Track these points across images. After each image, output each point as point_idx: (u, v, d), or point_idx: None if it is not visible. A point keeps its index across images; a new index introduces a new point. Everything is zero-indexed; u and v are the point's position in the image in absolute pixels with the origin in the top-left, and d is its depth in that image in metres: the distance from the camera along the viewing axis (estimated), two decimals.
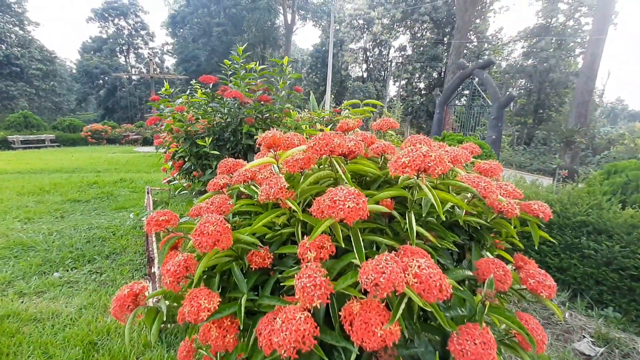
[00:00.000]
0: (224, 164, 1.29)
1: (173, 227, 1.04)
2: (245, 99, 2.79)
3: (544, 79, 29.19)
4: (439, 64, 30.30)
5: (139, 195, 4.91)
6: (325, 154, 0.86)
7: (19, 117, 16.48)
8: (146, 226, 1.03)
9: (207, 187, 1.18)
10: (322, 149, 0.85)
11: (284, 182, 0.88)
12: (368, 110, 1.88)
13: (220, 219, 0.84)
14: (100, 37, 34.37)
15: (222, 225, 0.82)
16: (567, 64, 28.76)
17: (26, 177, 5.99)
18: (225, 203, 0.99)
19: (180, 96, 3.09)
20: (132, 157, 9.90)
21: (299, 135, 1.07)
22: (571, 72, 29.06)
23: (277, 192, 0.84)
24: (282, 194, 0.85)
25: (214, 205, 0.98)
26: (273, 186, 0.86)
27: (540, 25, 30.56)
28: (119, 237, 3.22)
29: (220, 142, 2.99)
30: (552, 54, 28.38)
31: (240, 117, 2.87)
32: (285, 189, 0.86)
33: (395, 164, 0.77)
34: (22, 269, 2.51)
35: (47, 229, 3.35)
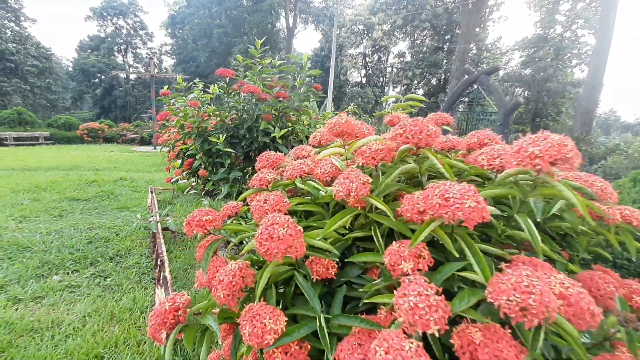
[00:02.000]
0: (266, 157, 1.13)
1: (216, 229, 0.88)
2: (263, 95, 2.64)
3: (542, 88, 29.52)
4: (438, 70, 30.47)
5: (141, 195, 4.71)
6: (415, 144, 0.71)
7: (13, 114, 16.12)
8: (186, 226, 0.87)
9: (250, 183, 1.02)
10: (414, 137, 0.70)
11: (366, 176, 0.72)
12: (411, 106, 1.75)
13: (289, 220, 0.68)
14: (98, 36, 34.09)
15: (294, 228, 0.66)
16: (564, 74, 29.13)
17: (20, 174, 5.75)
18: (281, 201, 0.83)
19: (193, 90, 2.92)
20: (131, 156, 9.66)
21: (365, 124, 0.92)
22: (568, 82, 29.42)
23: (360, 188, 0.69)
24: (365, 190, 0.69)
25: (269, 203, 0.82)
26: (354, 180, 0.70)
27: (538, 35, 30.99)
28: (123, 238, 3.02)
29: (234, 140, 2.83)
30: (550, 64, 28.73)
31: (256, 113, 2.71)
32: (369, 184, 0.71)
33: (519, 154, 0.62)
34: (17, 272, 2.31)
35: (45, 229, 3.14)
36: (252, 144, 2.77)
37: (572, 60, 29.35)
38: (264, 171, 1.01)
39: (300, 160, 0.94)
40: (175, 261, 2.66)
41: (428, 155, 0.72)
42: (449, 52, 31.53)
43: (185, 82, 3.21)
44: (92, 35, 34.11)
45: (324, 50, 30.34)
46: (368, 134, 0.87)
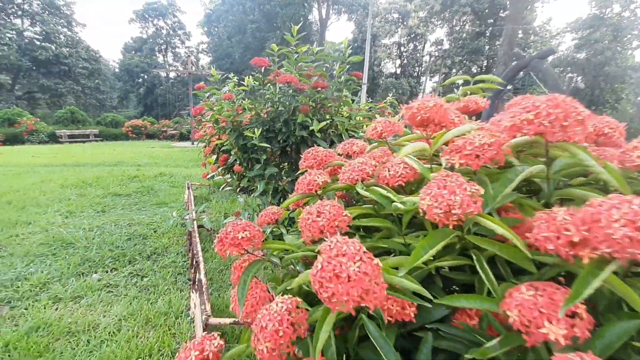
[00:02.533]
0: (313, 154, 0.92)
1: (256, 247, 0.69)
2: (301, 85, 2.44)
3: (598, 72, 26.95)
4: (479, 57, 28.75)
5: (179, 190, 4.74)
6: (551, 136, 0.47)
7: (66, 113, 17.35)
8: (217, 245, 0.69)
9: (295, 187, 0.82)
10: (555, 125, 0.45)
11: (474, 185, 0.48)
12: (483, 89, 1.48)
13: (361, 249, 0.47)
14: (140, 38, 35.87)
15: (370, 262, 0.45)
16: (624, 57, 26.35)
17: (70, 170, 6.05)
18: (340, 215, 0.62)
19: (228, 83, 2.79)
20: (170, 152, 9.97)
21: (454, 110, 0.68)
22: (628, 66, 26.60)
23: (468, 203, 0.46)
24: (476, 207, 0.46)
25: (325, 217, 0.61)
26: (458, 191, 0.47)
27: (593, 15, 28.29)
28: (160, 235, 2.99)
29: (270, 134, 2.67)
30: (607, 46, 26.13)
31: (293, 105, 2.52)
32: (480, 198, 0.47)
33: None
34: (59, 269, 2.31)
35: (88, 224, 3.19)
36: (288, 139, 2.59)
37: (632, 42, 26.51)
38: (313, 172, 0.80)
39: (361, 159, 0.73)
40: (210, 261, 2.57)
41: (576, 151, 0.47)
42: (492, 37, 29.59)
43: (218, 81, 3.10)
44: (135, 37, 35.97)
45: (357, 42, 29.65)
46: (459, 122, 0.63)
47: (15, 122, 15.10)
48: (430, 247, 0.49)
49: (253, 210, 2.97)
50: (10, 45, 22.14)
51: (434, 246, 0.49)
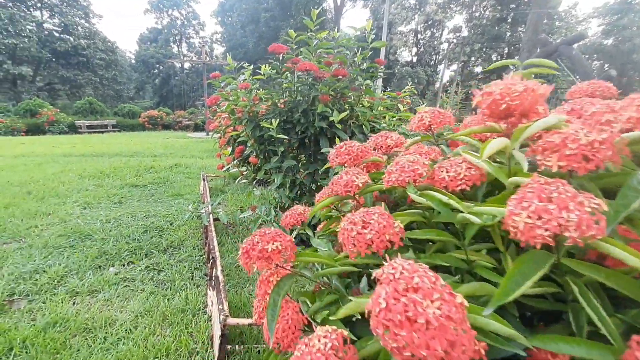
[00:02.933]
0: (347, 149, 0.80)
1: (289, 260, 0.59)
2: (321, 73, 2.31)
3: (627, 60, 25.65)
4: (500, 44, 27.70)
5: (194, 182, 4.71)
6: None
7: (85, 104, 17.67)
8: (242, 257, 0.58)
9: (331, 189, 0.71)
10: None
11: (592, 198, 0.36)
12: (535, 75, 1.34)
13: (437, 281, 0.35)
14: (155, 28, 36.09)
15: (453, 301, 0.33)
16: None
17: (88, 160, 6.12)
18: (390, 226, 0.51)
19: (243, 72, 2.68)
20: (185, 142, 10.01)
21: None
22: None
23: (588, 224, 0.33)
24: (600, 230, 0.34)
25: (372, 229, 0.50)
26: (571, 205, 0.35)
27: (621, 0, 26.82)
28: (176, 228, 2.95)
29: (288, 125, 2.56)
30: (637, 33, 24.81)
31: (312, 94, 2.40)
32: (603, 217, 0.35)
33: None
34: (76, 262, 2.30)
35: (105, 216, 3.18)
36: (307, 130, 2.47)
37: None
38: (351, 172, 0.69)
39: (410, 157, 0.61)
40: (227, 255, 2.51)
41: None
42: (514, 23, 28.42)
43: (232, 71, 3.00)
44: (150, 27, 36.21)
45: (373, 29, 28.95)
46: (543, 113, 0.50)
47: (36, 113, 15.48)
48: (523, 277, 0.37)
49: (270, 204, 2.89)
50: (30, 37, 22.59)
51: (530, 277, 0.37)
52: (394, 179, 0.58)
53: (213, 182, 4.59)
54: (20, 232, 2.76)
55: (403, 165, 0.59)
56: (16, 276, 2.09)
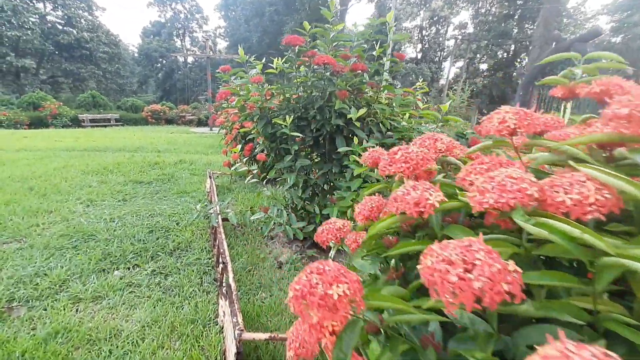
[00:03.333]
0: (404, 156, 0.67)
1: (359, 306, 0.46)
2: (339, 67, 2.16)
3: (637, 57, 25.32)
4: (507, 41, 27.31)
5: (200, 179, 4.59)
6: None
7: (88, 97, 17.56)
8: (294, 302, 0.45)
9: (395, 207, 0.57)
10: None
11: None
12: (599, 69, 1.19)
13: None
14: (159, 22, 35.87)
15: None
16: None
17: (91, 155, 6.01)
18: (506, 270, 0.37)
19: (255, 65, 2.54)
20: (189, 138, 9.89)
21: None
22: None
23: None
24: None
25: (484, 275, 0.37)
26: None
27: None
28: (183, 229, 2.83)
29: (302, 122, 2.42)
30: None
31: (329, 90, 2.25)
32: None
33: None
34: (79, 265, 2.18)
35: (109, 214, 3.07)
36: (322, 127, 2.33)
37: None
38: (420, 186, 0.55)
39: (513, 171, 0.47)
40: (237, 259, 2.39)
41: None
42: (521, 20, 28.00)
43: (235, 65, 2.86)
44: (153, 21, 35.96)
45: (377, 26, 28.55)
46: None
47: (39, 106, 15.39)
48: None
49: (281, 204, 2.76)
50: (33, 29, 22.43)
51: None
52: (492, 201, 0.45)
53: (219, 180, 4.47)
54: (21, 231, 2.65)
55: (503, 183, 0.45)
56: (16, 280, 1.98)
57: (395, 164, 0.66)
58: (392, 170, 0.66)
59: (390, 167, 0.67)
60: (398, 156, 0.67)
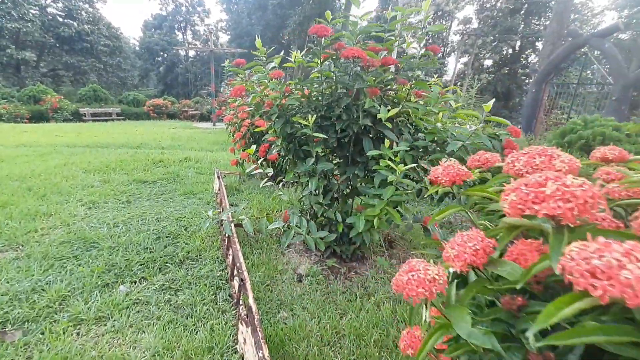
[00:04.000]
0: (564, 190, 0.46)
1: None
2: (370, 61, 1.94)
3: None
4: (513, 36, 26.85)
5: (206, 178, 4.38)
6: None
7: (89, 91, 17.32)
8: None
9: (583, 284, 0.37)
10: None
11: None
12: None
13: None
14: (160, 15, 35.46)
15: None
16: None
17: (93, 152, 5.80)
18: None
19: (272, 59, 2.31)
20: (192, 133, 9.66)
21: None
22: None
23: None
24: None
25: None
26: None
27: None
28: (192, 235, 2.63)
29: (326, 122, 2.20)
30: None
31: (357, 86, 2.03)
32: None
33: None
34: (81, 278, 1.98)
35: (112, 218, 2.87)
36: (348, 128, 2.11)
37: None
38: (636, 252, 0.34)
39: None
40: (252, 271, 2.18)
41: None
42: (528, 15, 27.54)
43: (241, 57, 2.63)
44: (155, 14, 35.54)
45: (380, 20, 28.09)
46: None
47: (40, 100, 15.15)
48: None
49: (301, 211, 2.55)
50: (34, 21, 22.09)
51: None
52: None
53: (227, 179, 4.25)
54: (17, 237, 2.44)
55: None
56: (11, 297, 1.78)
57: (547, 202, 0.45)
58: (541, 211, 0.45)
59: (537, 205, 0.46)
60: (549, 191, 0.45)
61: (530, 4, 27.02)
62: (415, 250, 2.73)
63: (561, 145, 3.92)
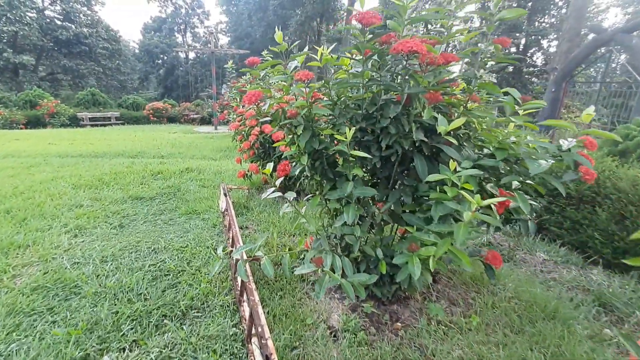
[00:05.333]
0: None
1: None
2: (431, 57, 1.47)
3: None
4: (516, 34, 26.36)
5: (211, 192, 3.92)
6: None
7: (87, 95, 16.91)
8: None
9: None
10: None
11: None
12: None
13: None
14: (159, 17, 35.15)
15: None
16: None
17: (86, 163, 5.33)
18: None
19: (296, 57, 1.84)
20: (194, 139, 9.20)
21: None
22: None
23: None
24: None
25: None
26: None
27: None
28: (196, 273, 2.16)
29: (367, 136, 1.73)
30: None
31: (409, 91, 1.56)
32: None
33: None
34: (53, 346, 1.51)
35: (101, 250, 2.40)
36: (394, 145, 1.65)
37: None
38: None
39: None
40: (274, 326, 1.71)
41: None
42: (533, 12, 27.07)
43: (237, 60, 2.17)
44: (154, 16, 35.21)
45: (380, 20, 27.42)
46: None
47: (36, 105, 14.72)
48: None
49: (320, 234, 2.06)
50: (31, 24, 21.69)
51: None
52: None
53: (234, 194, 3.79)
54: None
55: None
56: None
57: None
58: None
59: None
60: None
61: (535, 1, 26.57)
62: (466, 286, 2.26)
63: (614, 153, 3.44)
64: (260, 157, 3.83)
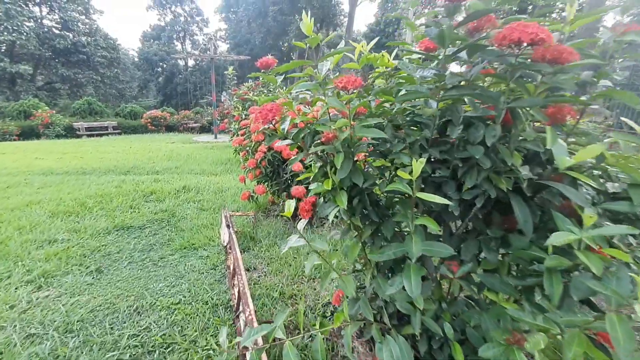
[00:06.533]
0: None
1: None
2: (560, 50, 0.93)
3: None
4: None
5: (211, 218, 3.36)
6: None
7: (83, 104, 16.47)
8: None
9: None
10: None
11: None
12: None
13: None
14: (159, 25, 34.97)
15: None
16: None
17: (71, 182, 4.78)
18: None
19: (328, 56, 1.30)
20: (192, 149, 8.65)
21: None
22: None
23: None
24: None
25: None
26: None
27: None
28: (190, 349, 1.60)
29: (440, 170, 1.18)
30: None
31: (512, 104, 1.02)
32: None
33: None
34: None
35: (67, 311, 1.84)
36: (483, 182, 1.11)
37: None
38: None
39: None
40: None
41: None
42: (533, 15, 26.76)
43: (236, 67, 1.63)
44: (153, 24, 35.03)
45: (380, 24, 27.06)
46: None
47: (31, 115, 14.25)
48: None
49: (373, 309, 1.50)
50: (28, 34, 21.34)
51: None
52: None
53: (237, 220, 3.23)
54: None
55: None
56: None
57: None
58: None
59: None
60: None
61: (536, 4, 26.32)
62: None
63: None
64: (268, 177, 3.29)
